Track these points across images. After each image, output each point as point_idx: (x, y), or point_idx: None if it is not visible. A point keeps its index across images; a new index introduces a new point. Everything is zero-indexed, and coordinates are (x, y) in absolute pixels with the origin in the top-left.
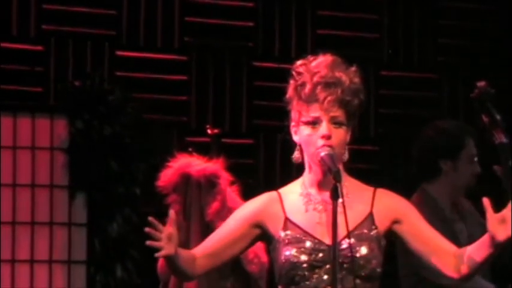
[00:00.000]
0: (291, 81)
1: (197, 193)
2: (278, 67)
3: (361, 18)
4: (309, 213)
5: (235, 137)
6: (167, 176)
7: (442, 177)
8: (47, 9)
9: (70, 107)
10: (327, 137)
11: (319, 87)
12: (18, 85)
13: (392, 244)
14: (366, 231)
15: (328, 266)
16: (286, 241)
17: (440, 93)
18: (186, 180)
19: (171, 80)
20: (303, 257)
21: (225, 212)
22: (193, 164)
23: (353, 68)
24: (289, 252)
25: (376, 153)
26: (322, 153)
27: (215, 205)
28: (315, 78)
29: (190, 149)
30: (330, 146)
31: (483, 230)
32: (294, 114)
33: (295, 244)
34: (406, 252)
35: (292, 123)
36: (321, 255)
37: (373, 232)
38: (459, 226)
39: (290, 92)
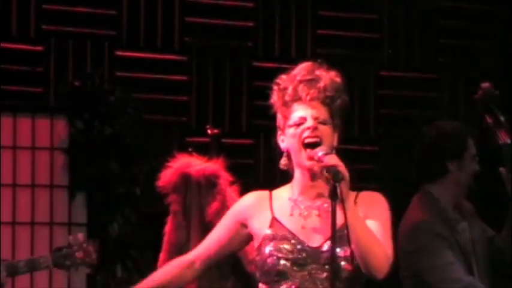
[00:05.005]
0: (274, 88)
1: (197, 193)
2: (278, 67)
3: (362, 18)
4: (294, 217)
5: (235, 137)
6: (167, 176)
7: (447, 178)
8: (47, 9)
9: (70, 107)
10: (313, 129)
11: (301, 86)
12: (18, 85)
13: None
14: (346, 232)
15: (310, 267)
16: (271, 237)
17: (441, 94)
18: (186, 180)
19: (171, 80)
20: (286, 254)
21: (225, 212)
22: (193, 164)
23: (334, 71)
24: (273, 247)
25: (376, 154)
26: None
27: (215, 205)
28: (297, 78)
29: (190, 149)
30: (316, 136)
31: (483, 232)
32: (279, 122)
33: (279, 241)
34: (406, 254)
35: (279, 133)
36: (303, 255)
37: None
38: (462, 226)
39: (274, 97)
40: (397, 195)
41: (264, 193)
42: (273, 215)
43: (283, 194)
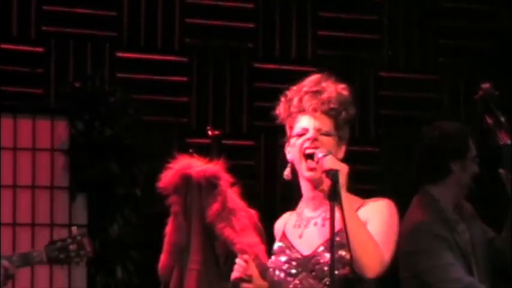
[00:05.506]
0: (282, 99)
1: (197, 194)
2: (279, 68)
3: (362, 19)
4: (295, 228)
5: (236, 138)
6: (168, 177)
7: (449, 178)
8: (47, 10)
9: (70, 108)
10: (312, 140)
11: (306, 97)
12: (19, 86)
13: None
14: (338, 239)
15: (301, 276)
16: (275, 251)
17: (441, 95)
18: (186, 181)
19: (171, 82)
20: (281, 266)
21: (226, 213)
22: (194, 165)
23: (343, 84)
24: (274, 260)
25: (376, 155)
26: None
27: (215, 206)
28: (304, 89)
29: (190, 150)
30: (316, 147)
31: (483, 233)
32: (287, 132)
33: (278, 254)
34: (406, 254)
35: (286, 144)
36: (295, 264)
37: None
38: (461, 227)
39: (279, 109)
40: (397, 196)
41: (287, 214)
42: (284, 229)
43: (297, 208)
